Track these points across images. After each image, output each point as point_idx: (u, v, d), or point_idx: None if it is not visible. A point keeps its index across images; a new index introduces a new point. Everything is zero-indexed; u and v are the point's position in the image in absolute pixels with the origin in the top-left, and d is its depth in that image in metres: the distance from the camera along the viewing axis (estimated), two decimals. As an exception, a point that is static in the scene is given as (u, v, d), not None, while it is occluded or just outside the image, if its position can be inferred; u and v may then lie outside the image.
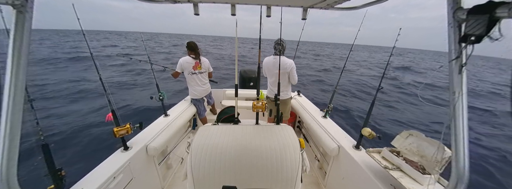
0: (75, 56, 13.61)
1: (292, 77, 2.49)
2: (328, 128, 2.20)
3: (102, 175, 1.44)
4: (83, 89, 6.63)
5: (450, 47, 0.79)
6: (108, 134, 1.93)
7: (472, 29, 0.68)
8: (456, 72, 0.78)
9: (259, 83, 1.86)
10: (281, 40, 2.31)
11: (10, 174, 0.73)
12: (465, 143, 0.81)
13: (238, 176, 1.12)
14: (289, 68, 2.41)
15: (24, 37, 0.71)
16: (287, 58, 2.48)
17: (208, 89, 3.07)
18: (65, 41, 29.44)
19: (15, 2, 0.67)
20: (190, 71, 2.78)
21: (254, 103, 1.44)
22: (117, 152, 1.73)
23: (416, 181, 1.30)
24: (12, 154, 0.72)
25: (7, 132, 0.70)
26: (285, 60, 2.43)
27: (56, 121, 4.35)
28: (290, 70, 2.43)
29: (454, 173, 0.84)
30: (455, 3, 0.75)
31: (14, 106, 0.72)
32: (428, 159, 1.31)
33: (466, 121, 0.80)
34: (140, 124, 1.84)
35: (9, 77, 0.70)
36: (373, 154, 1.59)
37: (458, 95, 0.79)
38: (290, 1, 1.30)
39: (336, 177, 2.04)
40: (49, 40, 30.01)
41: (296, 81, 2.54)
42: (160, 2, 1.29)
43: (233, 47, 27.15)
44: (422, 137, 1.39)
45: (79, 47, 20.13)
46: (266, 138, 1.22)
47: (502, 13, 0.59)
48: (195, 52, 2.76)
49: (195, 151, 1.13)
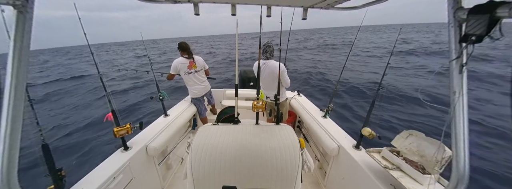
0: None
1: (283, 81, 2.41)
2: (328, 128, 2.20)
3: (102, 175, 1.44)
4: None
5: (450, 47, 0.79)
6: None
7: (472, 29, 0.68)
8: (456, 72, 0.78)
9: (259, 83, 1.86)
10: (270, 43, 2.33)
11: (11, 175, 0.72)
12: (465, 143, 0.81)
13: (238, 176, 1.12)
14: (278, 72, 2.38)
15: (24, 37, 0.70)
16: (276, 61, 2.40)
17: (207, 87, 3.07)
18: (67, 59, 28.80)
19: (15, 2, 0.67)
20: (186, 71, 2.78)
21: (254, 103, 1.44)
22: (117, 152, 1.73)
23: (416, 181, 1.30)
24: (13, 154, 0.72)
25: (7, 133, 0.70)
26: (274, 64, 2.37)
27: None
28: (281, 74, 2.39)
29: (454, 173, 0.84)
30: (455, 3, 0.75)
31: (15, 106, 0.72)
32: (428, 159, 1.31)
33: (466, 120, 0.80)
34: (140, 124, 1.84)
35: (9, 77, 0.70)
36: (373, 154, 1.59)
37: (459, 95, 0.79)
38: (290, 1, 1.30)
39: (336, 177, 2.04)
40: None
41: (288, 84, 2.49)
42: (161, 2, 1.29)
43: (233, 47, 27.07)
44: (422, 136, 1.39)
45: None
46: (266, 138, 1.22)
47: (503, 13, 0.59)
48: (187, 51, 2.76)
49: (195, 151, 1.13)
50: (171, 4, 1.29)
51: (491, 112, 4.56)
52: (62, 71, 16.27)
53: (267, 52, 2.38)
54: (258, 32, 1.66)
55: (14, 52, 0.69)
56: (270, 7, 1.43)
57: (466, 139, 0.81)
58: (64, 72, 15.34)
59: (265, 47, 2.35)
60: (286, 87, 2.58)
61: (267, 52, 2.38)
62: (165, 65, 14.29)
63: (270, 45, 2.37)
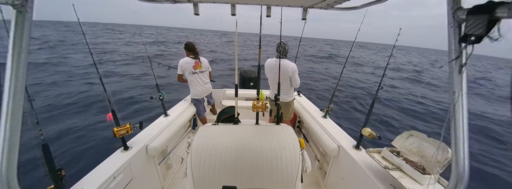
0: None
1: (294, 80, 2.46)
2: (328, 128, 2.20)
3: (102, 175, 1.44)
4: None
5: (450, 47, 0.79)
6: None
7: (472, 29, 0.68)
8: (456, 72, 0.78)
9: (259, 83, 1.86)
10: (283, 42, 2.31)
11: (10, 175, 0.72)
12: (465, 143, 0.81)
13: (238, 176, 1.12)
14: (291, 72, 2.38)
15: (24, 37, 0.70)
16: (289, 61, 2.44)
17: (209, 89, 3.09)
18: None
19: (15, 2, 0.67)
20: (191, 71, 2.79)
21: (254, 103, 1.44)
22: (117, 152, 1.73)
23: (416, 181, 1.30)
24: (12, 154, 0.72)
25: (7, 132, 0.70)
26: (287, 63, 2.39)
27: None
28: (291, 74, 2.40)
29: (454, 173, 0.84)
30: (455, 3, 0.75)
31: (14, 106, 0.72)
32: (428, 159, 1.31)
33: (466, 121, 0.80)
34: (140, 124, 1.84)
35: (9, 77, 0.70)
36: (373, 154, 1.59)
37: (458, 95, 0.79)
38: (290, 1, 1.30)
39: (336, 177, 2.04)
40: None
41: (298, 84, 2.51)
42: (160, 2, 1.29)
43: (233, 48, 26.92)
44: (423, 137, 1.39)
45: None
46: (266, 138, 1.22)
47: (502, 13, 0.59)
48: (193, 52, 2.79)
49: (195, 151, 1.13)
50: (171, 4, 1.29)
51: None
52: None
53: (278, 51, 2.38)
54: (258, 35, 1.67)
55: (13, 52, 0.70)
56: (270, 7, 1.43)
57: (466, 139, 0.80)
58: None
59: (279, 46, 2.35)
60: (295, 87, 2.59)
61: (280, 51, 2.37)
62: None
63: (284, 45, 2.35)
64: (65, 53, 12.98)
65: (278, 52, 2.37)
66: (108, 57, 12.87)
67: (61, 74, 8.02)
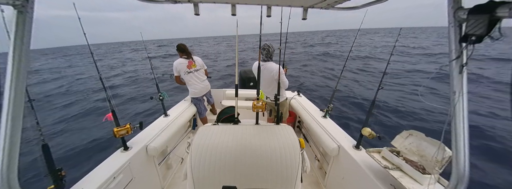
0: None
1: (282, 82, 2.38)
2: (328, 128, 2.19)
3: (102, 175, 1.44)
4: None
5: (450, 47, 0.79)
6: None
7: (472, 29, 0.68)
8: (456, 72, 0.78)
9: (259, 83, 1.86)
10: (267, 45, 2.31)
11: (11, 175, 0.72)
12: (466, 143, 0.81)
13: (238, 176, 1.12)
14: (276, 75, 2.33)
15: (24, 37, 0.70)
16: (274, 63, 2.42)
17: (207, 86, 3.10)
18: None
19: (15, 2, 0.67)
20: (186, 71, 2.82)
21: (254, 103, 1.44)
22: (117, 152, 1.73)
23: (416, 181, 1.30)
24: (13, 154, 0.72)
25: (7, 133, 0.70)
26: (272, 66, 2.37)
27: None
28: (277, 76, 2.36)
29: (454, 173, 0.84)
30: (455, 3, 0.75)
31: (15, 106, 0.71)
32: (428, 159, 1.31)
33: (466, 120, 0.80)
34: (140, 124, 1.84)
35: (9, 77, 0.70)
36: (373, 154, 1.59)
37: (459, 95, 0.79)
38: (290, 1, 1.30)
39: (336, 177, 2.04)
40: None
41: (286, 85, 2.51)
42: (160, 2, 1.29)
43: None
44: (422, 137, 1.39)
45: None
46: (266, 138, 1.22)
47: (503, 13, 0.59)
48: (186, 52, 2.83)
49: (195, 151, 1.13)
50: (171, 4, 1.29)
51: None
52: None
53: (263, 54, 2.37)
54: (258, 35, 1.67)
55: (14, 52, 0.69)
56: (270, 7, 1.43)
57: (466, 139, 0.80)
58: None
59: (264, 49, 2.34)
60: (284, 88, 2.59)
61: (264, 54, 2.37)
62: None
63: (267, 48, 2.34)
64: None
65: (263, 55, 2.36)
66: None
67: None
